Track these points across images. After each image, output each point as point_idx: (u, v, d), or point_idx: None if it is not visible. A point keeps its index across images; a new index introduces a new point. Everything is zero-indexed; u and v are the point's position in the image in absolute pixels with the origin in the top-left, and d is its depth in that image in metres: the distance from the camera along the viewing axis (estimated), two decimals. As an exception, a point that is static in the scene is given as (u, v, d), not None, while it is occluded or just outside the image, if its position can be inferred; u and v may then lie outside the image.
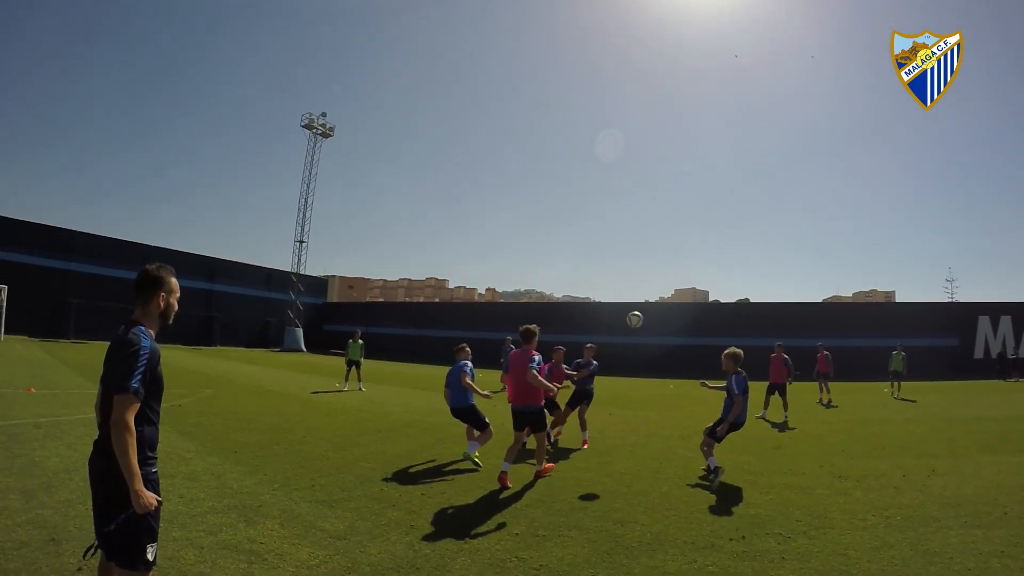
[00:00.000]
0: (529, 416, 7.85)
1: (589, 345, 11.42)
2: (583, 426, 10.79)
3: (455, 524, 5.79)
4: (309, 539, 5.14)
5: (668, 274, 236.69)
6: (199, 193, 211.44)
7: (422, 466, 8.34)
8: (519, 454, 7.98)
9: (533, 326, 8.10)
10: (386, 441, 10.23)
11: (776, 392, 15.68)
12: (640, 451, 10.02)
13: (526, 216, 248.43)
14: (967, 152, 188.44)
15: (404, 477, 7.62)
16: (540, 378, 7.66)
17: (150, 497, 2.77)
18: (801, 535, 5.73)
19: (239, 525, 5.38)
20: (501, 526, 5.77)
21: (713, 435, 8.27)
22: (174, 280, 3.16)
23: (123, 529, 2.78)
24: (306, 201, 53.92)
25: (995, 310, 37.30)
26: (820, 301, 66.35)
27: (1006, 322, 36.56)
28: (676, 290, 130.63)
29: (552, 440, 10.62)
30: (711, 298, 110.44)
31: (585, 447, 10.36)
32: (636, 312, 13.00)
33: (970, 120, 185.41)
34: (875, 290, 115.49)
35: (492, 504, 6.53)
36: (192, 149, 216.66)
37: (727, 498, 7.07)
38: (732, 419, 8.23)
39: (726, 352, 8.66)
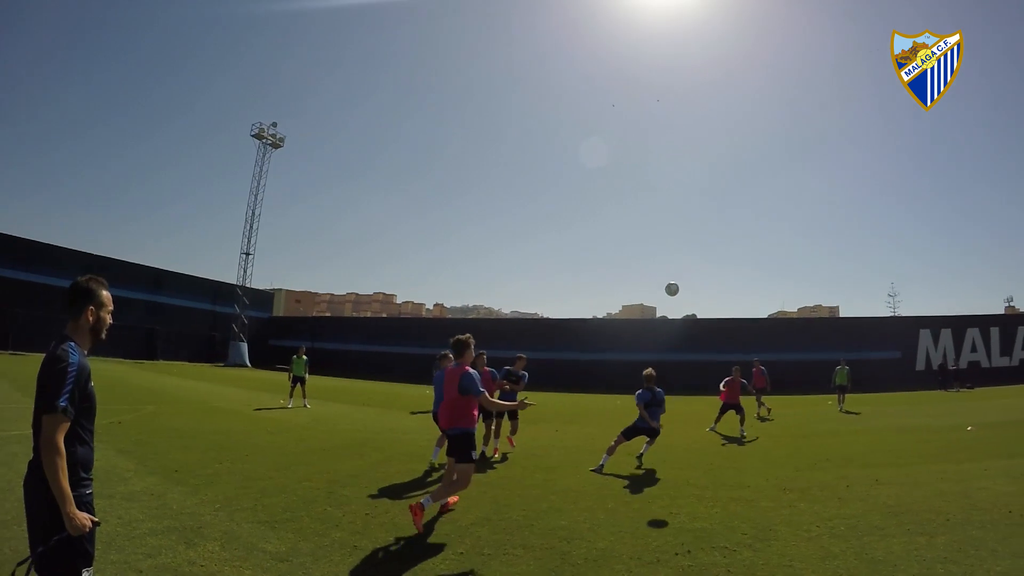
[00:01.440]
0: (457, 438, 6.70)
1: (520, 356, 11.69)
2: (513, 430, 11.57)
3: (399, 544, 5.77)
4: (251, 561, 5.08)
5: (616, 290, 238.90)
6: (146, 202, 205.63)
7: (367, 485, 8.25)
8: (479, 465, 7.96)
9: (466, 336, 6.93)
10: (331, 459, 10.13)
11: (731, 410, 15.83)
12: (586, 467, 10.07)
13: (475, 232, 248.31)
14: (914, 168, 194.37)
15: (349, 497, 7.55)
16: (495, 400, 7.25)
17: (83, 518, 2.72)
18: (746, 548, 5.84)
19: (179, 547, 5.29)
20: (445, 546, 5.77)
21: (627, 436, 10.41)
22: (105, 293, 3.10)
23: (57, 552, 2.73)
24: (254, 212, 53.05)
25: (936, 323, 39.06)
26: (766, 316, 67.72)
27: (946, 335, 38.34)
28: (624, 306, 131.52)
29: (497, 456, 10.92)
30: (658, 314, 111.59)
31: (511, 448, 11.33)
32: (672, 283, 14.30)
33: (916, 135, 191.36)
34: (819, 305, 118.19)
35: (437, 524, 6.52)
36: (138, 157, 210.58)
37: (673, 513, 7.16)
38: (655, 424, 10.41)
39: (646, 372, 10.56)
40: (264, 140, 53.57)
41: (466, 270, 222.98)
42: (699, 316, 62.44)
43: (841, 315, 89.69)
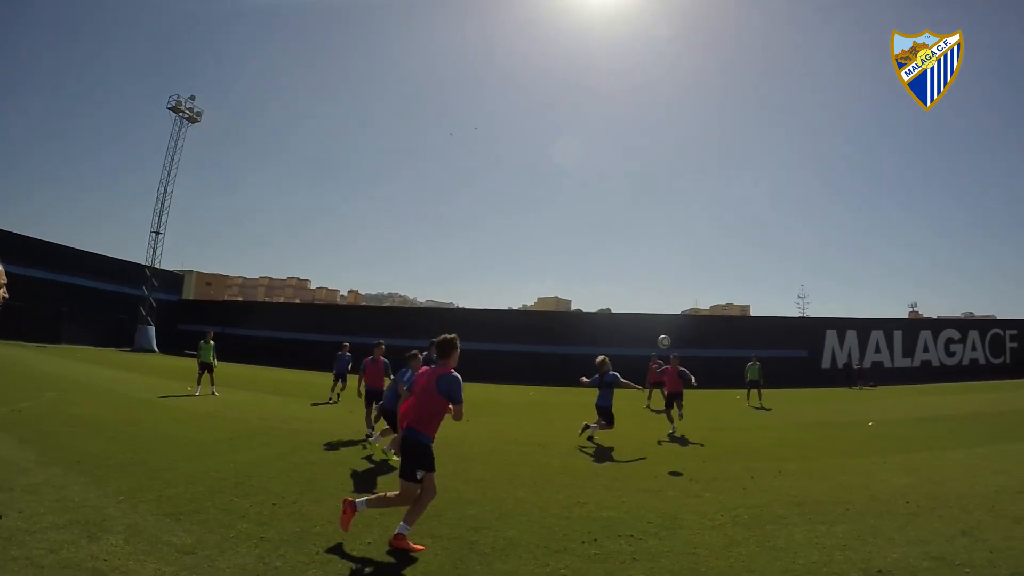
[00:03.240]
0: (422, 448, 5.80)
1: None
2: None
3: (307, 535, 5.80)
4: (155, 555, 5.05)
5: (531, 282, 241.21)
6: (48, 174, 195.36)
7: (275, 476, 8.23)
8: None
9: (453, 335, 6.16)
10: (239, 449, 10.05)
11: (674, 400, 16.13)
12: (497, 457, 10.31)
13: (392, 221, 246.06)
14: (829, 176, 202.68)
15: (256, 487, 7.53)
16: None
17: None
18: (652, 536, 6.10)
19: (82, 541, 5.22)
20: (354, 536, 5.82)
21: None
22: None
23: None
24: (166, 189, 50.83)
25: (842, 325, 41.84)
26: (679, 312, 69.45)
27: (852, 335, 41.05)
28: (539, 298, 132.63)
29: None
30: (573, 307, 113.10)
31: None
32: (664, 337, 15.84)
33: (830, 141, 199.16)
34: (731, 304, 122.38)
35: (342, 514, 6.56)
36: (45, 126, 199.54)
37: (580, 502, 7.41)
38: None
39: (598, 359, 12.69)
40: (181, 114, 51.25)
41: (382, 258, 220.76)
42: (613, 310, 63.70)
43: (752, 314, 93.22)
